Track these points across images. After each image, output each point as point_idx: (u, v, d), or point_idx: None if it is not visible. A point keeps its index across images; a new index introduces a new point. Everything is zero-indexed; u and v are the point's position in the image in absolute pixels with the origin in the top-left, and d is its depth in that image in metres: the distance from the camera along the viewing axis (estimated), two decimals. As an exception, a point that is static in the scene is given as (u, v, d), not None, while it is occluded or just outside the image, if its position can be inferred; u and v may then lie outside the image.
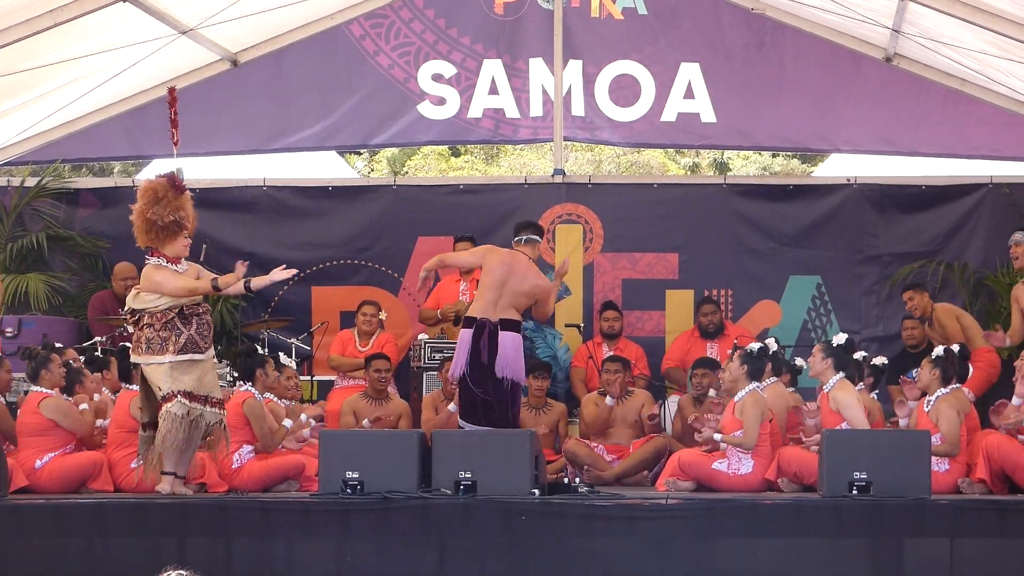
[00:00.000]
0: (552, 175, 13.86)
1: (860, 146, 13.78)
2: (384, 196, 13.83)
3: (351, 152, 21.75)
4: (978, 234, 13.31)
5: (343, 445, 9.36)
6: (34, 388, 10.14)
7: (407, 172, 25.25)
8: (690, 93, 13.62)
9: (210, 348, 9.44)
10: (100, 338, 12.08)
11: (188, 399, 9.25)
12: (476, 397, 10.39)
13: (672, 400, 12.29)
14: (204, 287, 9.36)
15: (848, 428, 9.69)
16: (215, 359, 9.68)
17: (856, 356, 10.57)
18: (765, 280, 13.48)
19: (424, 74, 13.72)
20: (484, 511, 8.92)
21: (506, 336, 10.41)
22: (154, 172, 10.27)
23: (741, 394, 10.09)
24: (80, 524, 9.03)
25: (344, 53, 13.74)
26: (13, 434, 10.12)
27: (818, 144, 14.18)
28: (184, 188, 9.49)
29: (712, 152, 24.66)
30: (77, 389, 10.30)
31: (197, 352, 9.30)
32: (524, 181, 14.14)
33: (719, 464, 10.01)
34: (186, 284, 9.32)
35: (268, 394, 10.59)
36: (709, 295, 13.20)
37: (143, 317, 9.37)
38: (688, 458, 10.19)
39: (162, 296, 9.31)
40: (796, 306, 13.42)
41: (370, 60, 13.75)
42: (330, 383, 12.71)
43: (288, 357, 11.79)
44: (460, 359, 10.46)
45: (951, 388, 10.01)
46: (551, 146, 14.24)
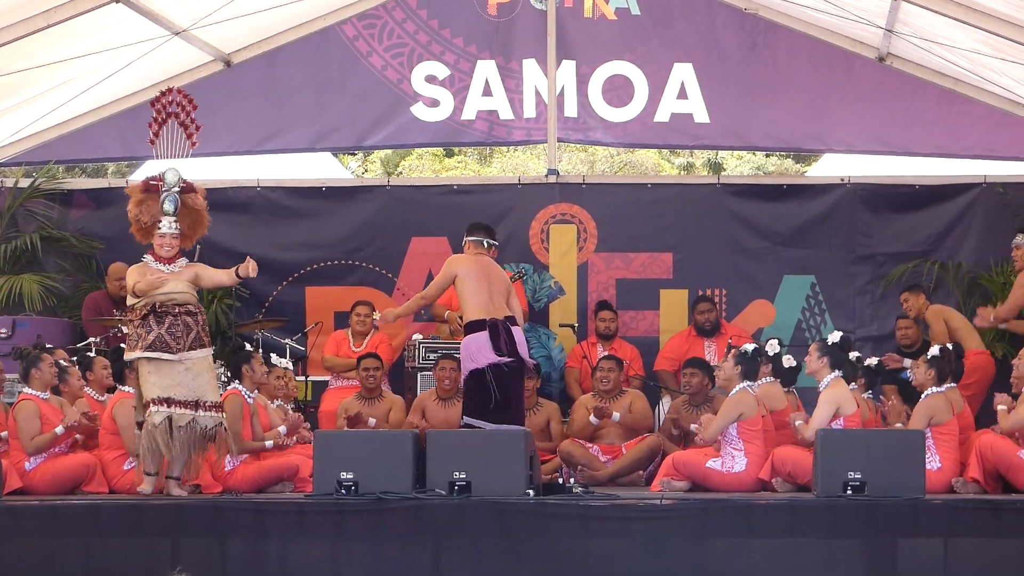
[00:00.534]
0: (546, 175, 13.86)
1: (854, 146, 13.78)
2: (378, 196, 13.83)
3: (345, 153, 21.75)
4: (972, 234, 13.31)
5: (337, 446, 9.35)
6: (25, 389, 10.15)
7: (401, 172, 25.25)
8: (683, 93, 13.62)
9: (195, 350, 9.41)
10: (94, 339, 12.08)
11: (167, 405, 9.29)
12: (489, 396, 10.11)
13: (666, 401, 12.29)
14: (155, 285, 9.40)
15: (840, 428, 9.72)
16: (210, 360, 9.68)
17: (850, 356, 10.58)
18: (759, 280, 13.49)
19: (417, 76, 13.72)
20: (478, 512, 8.91)
21: (517, 331, 10.34)
22: (150, 172, 10.25)
23: (732, 393, 10.12)
24: (75, 525, 9.00)
25: (337, 54, 13.74)
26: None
27: (811, 144, 14.17)
28: (153, 188, 9.57)
29: (706, 152, 24.65)
30: (62, 388, 10.31)
31: (167, 351, 9.34)
32: (518, 181, 14.15)
33: (713, 463, 10.03)
34: (138, 282, 9.42)
35: (257, 393, 10.54)
36: (704, 294, 13.21)
37: (127, 313, 9.59)
38: (682, 458, 10.22)
39: (135, 294, 9.47)
40: (790, 306, 13.43)
41: (363, 61, 13.75)
42: (324, 384, 12.71)
43: (281, 357, 11.77)
44: (482, 357, 10.12)
45: (946, 387, 10.03)
46: (545, 146, 14.24)
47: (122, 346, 10.17)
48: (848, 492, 8.91)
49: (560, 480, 10.41)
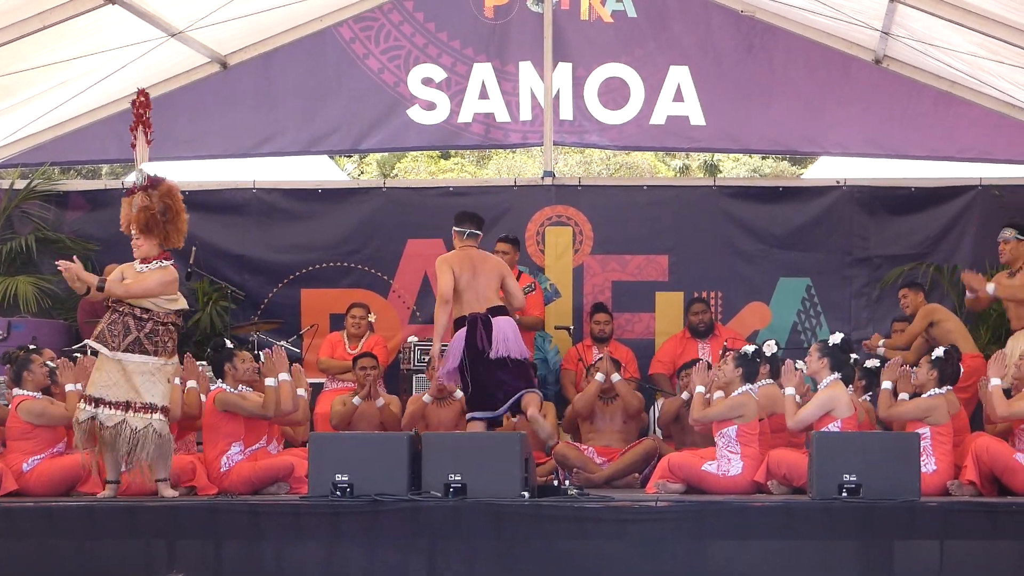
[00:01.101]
0: (542, 177, 13.85)
1: (850, 148, 13.78)
2: (374, 198, 13.82)
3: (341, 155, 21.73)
4: (968, 236, 13.31)
5: (332, 448, 9.35)
6: (17, 391, 10.14)
7: (397, 174, 25.25)
8: (679, 96, 13.62)
9: (132, 353, 9.37)
10: (90, 340, 12.04)
11: (94, 405, 9.38)
12: (477, 385, 10.40)
13: (660, 404, 12.28)
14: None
15: (835, 430, 9.72)
16: (161, 369, 9.54)
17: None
18: (755, 282, 13.49)
19: (414, 78, 13.70)
20: (474, 514, 8.91)
21: (500, 320, 10.45)
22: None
23: (735, 394, 10.11)
24: (70, 527, 9.01)
25: (333, 56, 13.73)
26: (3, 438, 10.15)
27: (808, 147, 14.17)
28: (130, 191, 9.62)
29: (702, 154, 24.65)
30: (52, 389, 10.30)
31: (104, 345, 9.40)
32: (514, 183, 14.14)
33: (708, 465, 10.03)
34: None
35: (243, 387, 10.44)
36: (699, 296, 13.21)
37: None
38: (678, 460, 10.22)
39: None
40: (786, 308, 13.42)
41: (359, 63, 13.74)
42: (320, 386, 12.70)
43: (240, 343, 11.53)
44: (455, 353, 10.40)
45: (945, 390, 10.04)
46: (541, 149, 14.24)
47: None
48: (843, 494, 8.91)
49: (556, 482, 10.40)
